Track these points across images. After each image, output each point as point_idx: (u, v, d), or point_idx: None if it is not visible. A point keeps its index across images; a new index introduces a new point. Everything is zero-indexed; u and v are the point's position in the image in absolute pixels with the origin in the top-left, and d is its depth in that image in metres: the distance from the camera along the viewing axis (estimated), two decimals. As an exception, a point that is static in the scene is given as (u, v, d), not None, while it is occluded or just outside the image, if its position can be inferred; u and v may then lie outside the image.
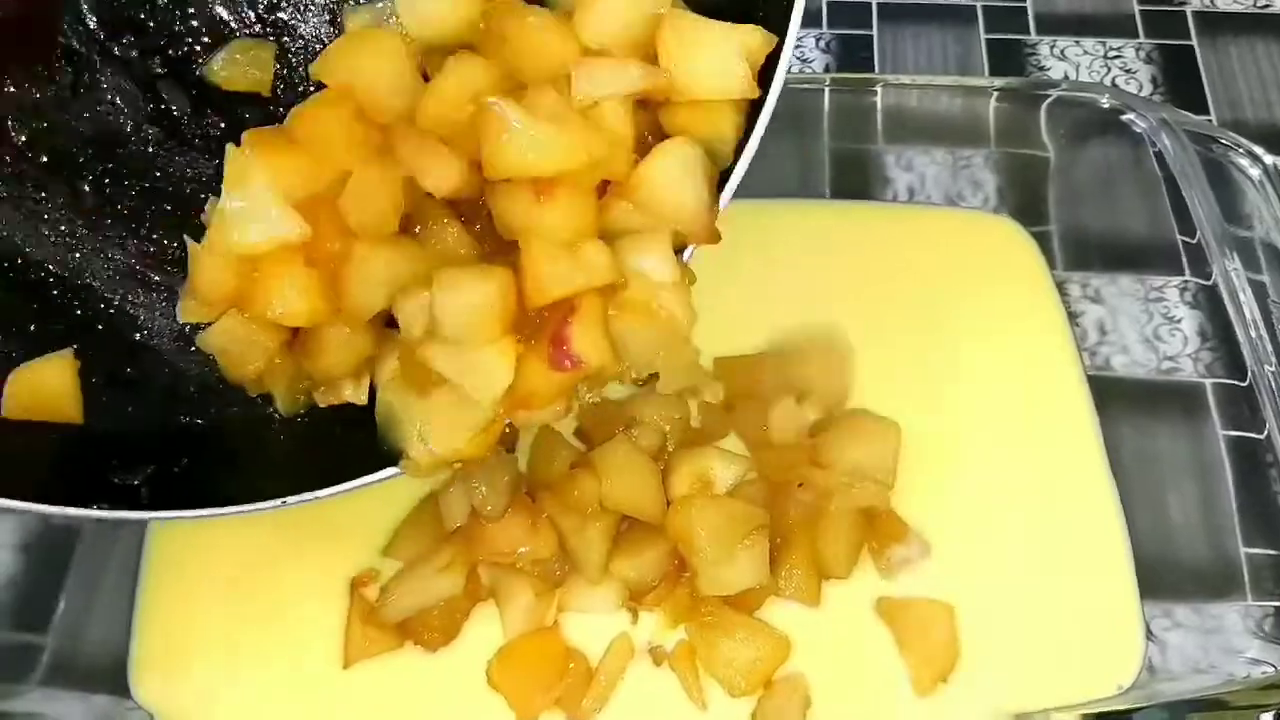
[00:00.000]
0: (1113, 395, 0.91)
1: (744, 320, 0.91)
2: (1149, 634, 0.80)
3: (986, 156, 1.00)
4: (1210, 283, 0.86)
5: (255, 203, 0.58)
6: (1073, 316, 0.94)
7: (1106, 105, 0.91)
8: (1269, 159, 0.86)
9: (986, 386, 0.89)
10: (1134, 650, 0.79)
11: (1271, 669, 0.71)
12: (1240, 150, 0.86)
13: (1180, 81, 1.10)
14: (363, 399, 0.66)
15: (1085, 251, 0.97)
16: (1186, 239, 0.89)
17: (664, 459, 0.81)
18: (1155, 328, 0.93)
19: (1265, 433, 0.80)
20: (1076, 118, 0.93)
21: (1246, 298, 0.83)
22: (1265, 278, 0.85)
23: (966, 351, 0.90)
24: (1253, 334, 0.82)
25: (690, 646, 0.78)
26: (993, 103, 0.94)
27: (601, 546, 0.78)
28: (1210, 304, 0.87)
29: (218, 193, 0.62)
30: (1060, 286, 0.96)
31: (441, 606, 0.78)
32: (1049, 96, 0.92)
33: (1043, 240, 0.98)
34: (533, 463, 0.83)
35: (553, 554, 0.80)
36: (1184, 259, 0.90)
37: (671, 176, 0.59)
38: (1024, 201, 1.00)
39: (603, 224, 0.60)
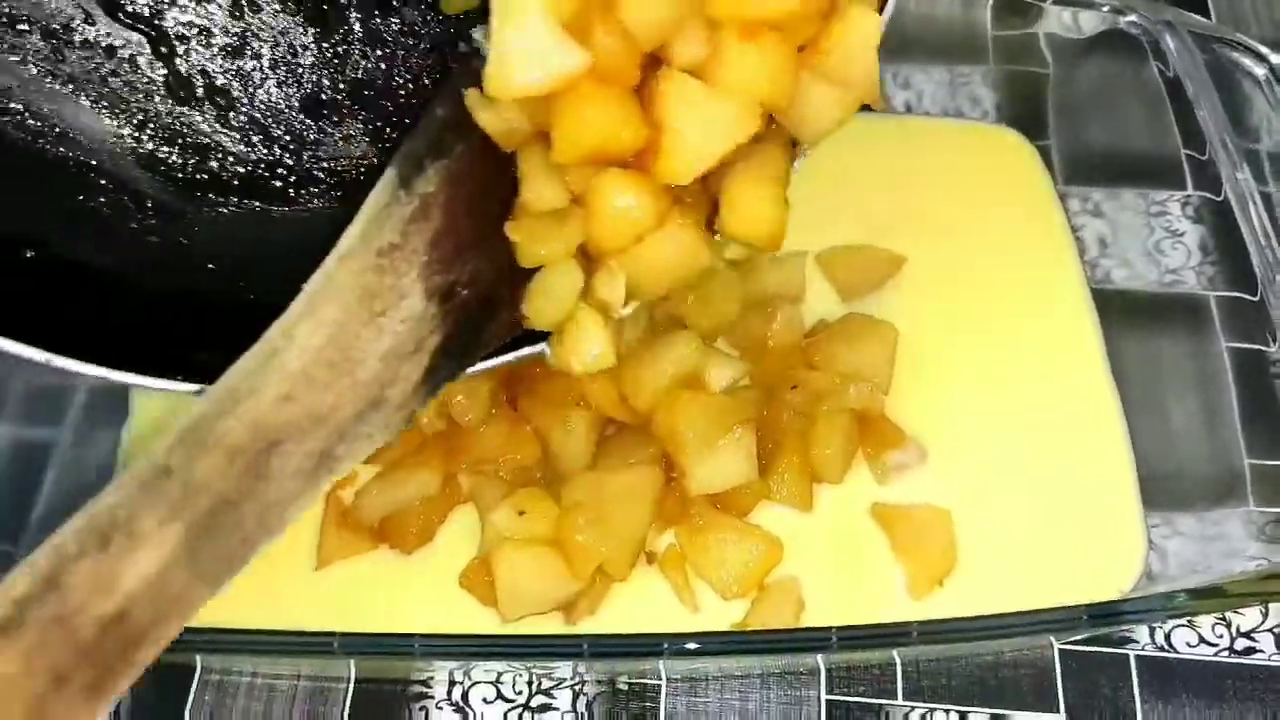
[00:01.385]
0: (1114, 307, 0.89)
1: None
2: (1149, 543, 0.78)
3: (985, 73, 0.98)
4: (1218, 197, 0.83)
5: (531, 35, 0.52)
6: (1073, 230, 0.92)
7: (1108, 7, 0.88)
8: (1276, 59, 0.83)
9: (987, 294, 0.87)
10: (1134, 557, 0.78)
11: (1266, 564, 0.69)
12: (1246, 50, 0.84)
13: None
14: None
15: (1085, 166, 0.95)
16: (1190, 152, 0.86)
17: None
18: (1157, 241, 0.91)
19: (1277, 344, 0.78)
20: (1077, 23, 0.90)
21: (1256, 208, 0.81)
22: (1271, 188, 0.83)
23: (966, 258, 0.88)
24: (1262, 243, 0.79)
25: (680, 551, 0.76)
26: (990, 8, 0.91)
27: (585, 449, 0.76)
28: (1213, 217, 0.85)
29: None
30: (1060, 201, 0.94)
31: (417, 508, 0.76)
32: (1048, -1, 0.89)
33: (1043, 155, 0.96)
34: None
35: (535, 461, 0.78)
36: (1187, 172, 0.88)
37: (868, 40, 0.56)
38: (1023, 115, 0.98)
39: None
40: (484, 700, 0.76)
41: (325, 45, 0.69)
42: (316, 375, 0.53)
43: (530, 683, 0.77)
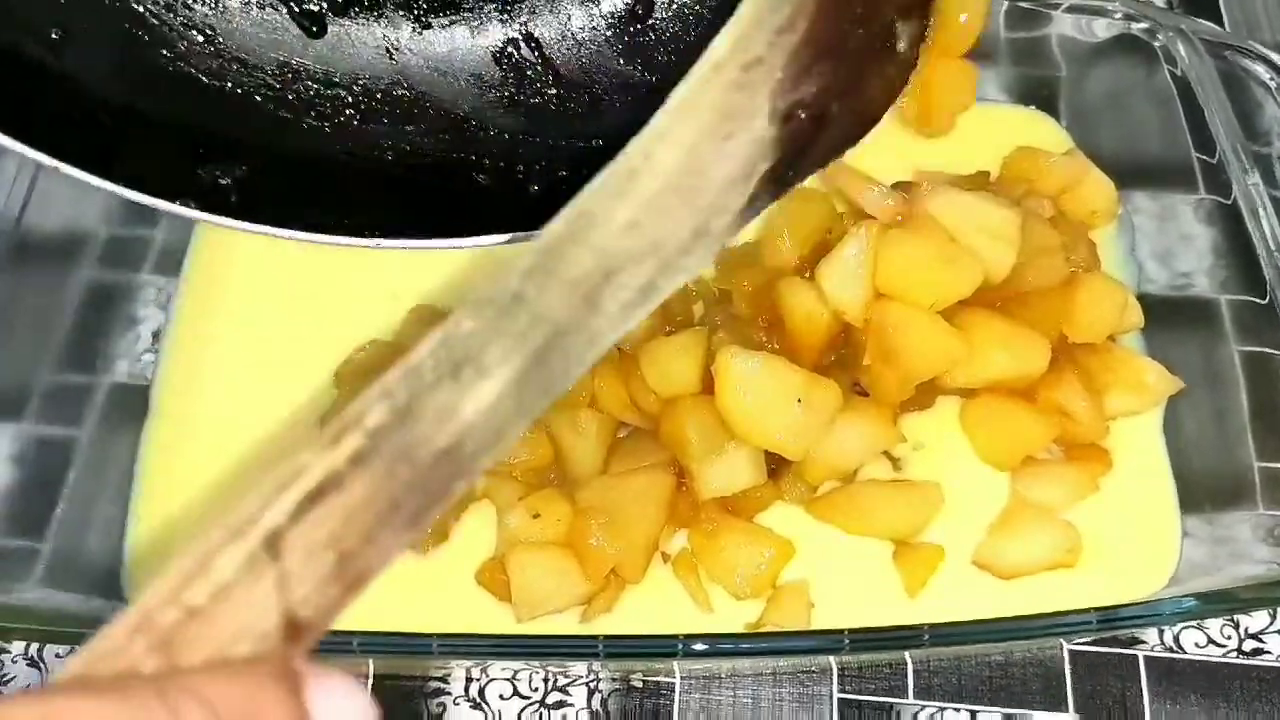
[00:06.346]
0: (1125, 311, 0.89)
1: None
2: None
3: (999, 75, 0.98)
4: (1228, 200, 0.84)
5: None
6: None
7: (1120, 14, 0.89)
8: (1288, 65, 0.84)
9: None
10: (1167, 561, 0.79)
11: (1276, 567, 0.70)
12: (1256, 56, 0.84)
13: (1195, 3, 1.08)
14: None
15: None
16: (1202, 156, 0.87)
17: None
18: (1169, 245, 0.91)
19: (1285, 347, 0.78)
20: (1089, 27, 0.91)
21: (1266, 213, 0.81)
22: (1283, 192, 0.83)
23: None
24: (1272, 247, 0.80)
25: (691, 555, 0.77)
26: (1003, 13, 0.92)
27: (597, 451, 0.77)
28: (1226, 220, 0.86)
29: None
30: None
31: (432, 507, 0.77)
32: (1061, 4, 0.90)
33: (1055, 158, 0.96)
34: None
35: (548, 463, 0.78)
36: (1199, 175, 0.88)
37: None
38: (1035, 119, 0.98)
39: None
40: (500, 696, 0.77)
41: None
42: (664, 201, 0.50)
43: (546, 680, 0.78)
